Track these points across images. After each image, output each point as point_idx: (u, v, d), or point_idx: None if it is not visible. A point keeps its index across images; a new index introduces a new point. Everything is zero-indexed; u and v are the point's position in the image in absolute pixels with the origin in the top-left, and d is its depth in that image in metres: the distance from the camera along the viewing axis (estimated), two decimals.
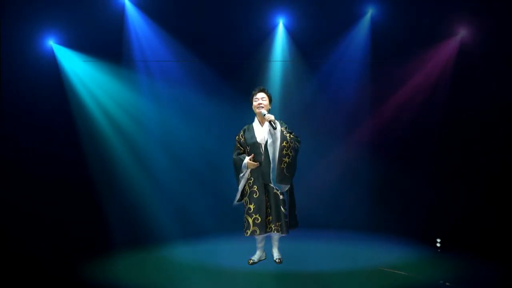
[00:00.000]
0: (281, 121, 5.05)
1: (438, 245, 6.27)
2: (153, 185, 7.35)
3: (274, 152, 4.88)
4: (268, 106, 5.10)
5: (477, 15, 6.82)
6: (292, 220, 5.06)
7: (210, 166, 7.49)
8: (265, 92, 5.12)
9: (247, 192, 5.04)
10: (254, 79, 7.36)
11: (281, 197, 4.96)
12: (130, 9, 7.21)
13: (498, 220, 6.51)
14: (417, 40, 7.13)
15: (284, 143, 4.86)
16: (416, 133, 7.29)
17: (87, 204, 6.94)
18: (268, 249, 5.30)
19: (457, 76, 7.06)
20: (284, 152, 4.85)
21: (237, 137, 5.18)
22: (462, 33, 7.03)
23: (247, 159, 4.99)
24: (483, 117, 6.85)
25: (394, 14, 7.14)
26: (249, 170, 5.01)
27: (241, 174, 5.03)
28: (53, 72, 7.01)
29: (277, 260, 5.18)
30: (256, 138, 5.02)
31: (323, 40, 7.41)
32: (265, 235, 5.07)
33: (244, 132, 5.14)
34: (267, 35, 7.49)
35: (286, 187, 4.98)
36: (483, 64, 6.78)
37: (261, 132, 5.03)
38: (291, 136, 4.94)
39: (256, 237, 5.11)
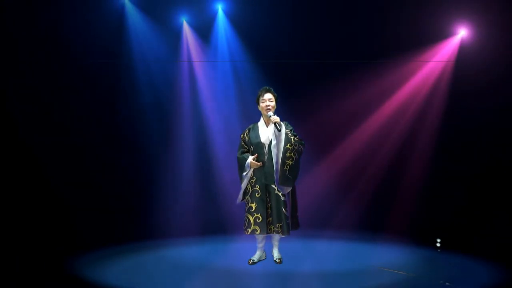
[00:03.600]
0: (287, 123, 5.07)
1: (438, 245, 6.27)
2: (153, 185, 7.35)
3: (277, 154, 4.92)
4: (275, 106, 5.10)
5: (477, 14, 6.83)
6: (293, 221, 5.08)
7: (211, 166, 7.49)
8: (271, 93, 5.11)
9: (249, 191, 5.06)
10: (254, 79, 7.39)
11: (282, 198, 4.98)
12: (130, 9, 7.22)
13: (498, 220, 6.51)
14: (417, 40, 7.13)
15: (288, 146, 4.88)
16: (415, 133, 7.29)
17: (86, 204, 6.94)
18: (268, 249, 5.31)
19: (456, 76, 7.07)
20: (288, 154, 4.88)
21: (242, 135, 5.20)
22: (462, 33, 7.05)
23: (250, 159, 5.01)
24: (482, 117, 6.86)
25: (394, 13, 7.13)
26: (252, 169, 5.03)
27: (244, 173, 5.06)
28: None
29: (277, 260, 5.19)
30: (260, 138, 5.03)
31: (323, 40, 7.40)
32: (265, 235, 5.09)
33: (249, 131, 5.15)
34: (267, 34, 7.50)
35: (288, 189, 5.01)
36: (482, 64, 6.78)
37: (265, 132, 5.04)
38: (296, 138, 4.95)
39: (257, 237, 5.13)
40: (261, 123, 5.14)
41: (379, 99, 7.47)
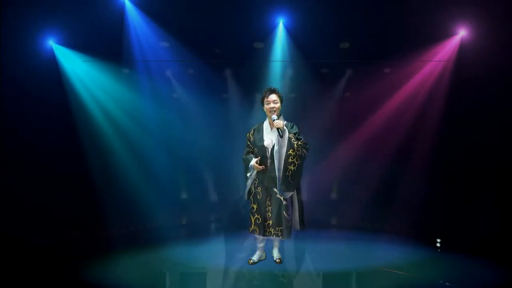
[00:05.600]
0: (292, 124, 5.00)
1: (438, 245, 6.27)
2: (153, 185, 7.35)
3: (280, 159, 4.86)
4: (280, 107, 5.04)
5: (477, 14, 6.83)
6: (300, 221, 5.05)
7: (210, 166, 7.49)
8: (276, 93, 5.03)
9: (252, 191, 5.07)
10: (254, 79, 7.39)
11: (284, 202, 4.96)
12: (130, 9, 7.22)
13: (498, 220, 6.51)
14: (416, 40, 7.14)
15: (291, 151, 4.84)
16: (415, 133, 7.29)
17: (86, 204, 6.94)
18: (269, 249, 5.31)
19: (456, 76, 7.07)
20: (290, 160, 4.84)
21: (248, 134, 5.17)
22: (462, 33, 7.06)
23: (253, 161, 4.98)
24: (482, 117, 6.86)
25: (393, 13, 7.13)
26: (255, 171, 5.02)
27: (249, 174, 5.06)
28: (53, 72, 7.00)
29: (277, 260, 5.19)
30: (264, 141, 4.99)
31: (323, 40, 7.41)
32: (264, 237, 5.09)
33: (254, 131, 5.12)
34: (267, 35, 7.50)
35: (289, 194, 4.97)
36: (482, 64, 6.79)
37: (269, 135, 5.00)
38: (299, 143, 4.87)
39: (257, 237, 5.14)
40: (266, 125, 5.09)
41: (379, 99, 7.47)
